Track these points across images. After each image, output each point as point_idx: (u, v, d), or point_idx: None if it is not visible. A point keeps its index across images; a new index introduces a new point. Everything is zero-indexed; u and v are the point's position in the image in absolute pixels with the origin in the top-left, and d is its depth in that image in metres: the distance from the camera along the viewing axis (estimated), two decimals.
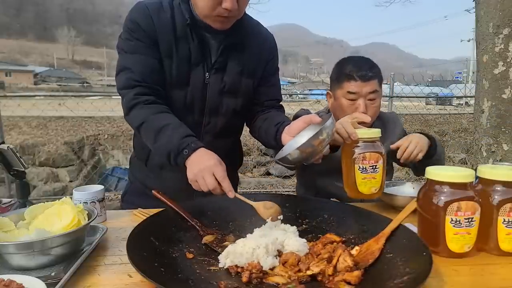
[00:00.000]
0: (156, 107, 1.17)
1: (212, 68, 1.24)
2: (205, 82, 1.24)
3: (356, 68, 1.44)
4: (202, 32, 1.20)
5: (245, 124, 1.45)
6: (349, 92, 1.44)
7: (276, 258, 0.81)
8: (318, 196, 1.48)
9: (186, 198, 1.12)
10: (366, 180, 1.08)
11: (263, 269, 0.76)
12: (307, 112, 1.60)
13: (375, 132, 1.11)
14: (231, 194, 0.98)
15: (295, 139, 1.09)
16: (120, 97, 1.22)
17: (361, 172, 1.08)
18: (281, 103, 1.45)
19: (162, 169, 1.33)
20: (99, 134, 6.46)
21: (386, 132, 1.54)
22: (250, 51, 1.29)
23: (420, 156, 1.31)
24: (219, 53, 1.23)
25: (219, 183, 0.99)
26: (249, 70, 1.29)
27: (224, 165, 1.04)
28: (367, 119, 1.25)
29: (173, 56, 1.20)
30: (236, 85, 1.28)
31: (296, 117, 1.55)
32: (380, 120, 1.60)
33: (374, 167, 1.08)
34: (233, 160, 1.28)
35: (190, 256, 0.84)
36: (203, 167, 1.01)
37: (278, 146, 1.17)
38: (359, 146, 1.09)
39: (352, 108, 1.44)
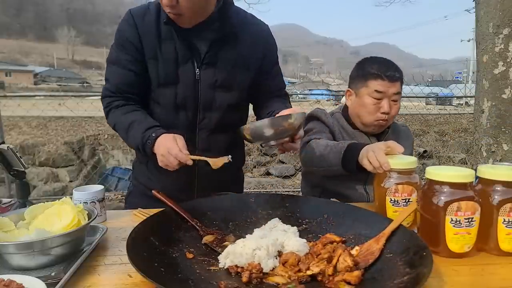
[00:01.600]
0: (126, 108, 1.26)
1: (203, 64, 1.24)
2: (196, 78, 1.25)
3: (384, 68, 1.46)
4: (185, 30, 1.21)
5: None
6: (376, 91, 1.45)
7: (276, 258, 0.81)
8: (323, 196, 1.47)
9: (187, 198, 1.14)
10: (397, 213, 1.00)
11: (264, 271, 0.76)
12: (323, 111, 1.62)
13: (411, 163, 1.04)
14: (189, 162, 1.09)
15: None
16: None
17: (393, 205, 1.03)
18: (286, 89, 1.45)
19: (161, 170, 1.31)
20: (99, 134, 6.46)
21: (397, 139, 1.51)
22: (242, 43, 1.28)
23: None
24: (208, 48, 1.23)
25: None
26: (243, 63, 1.28)
27: (180, 139, 1.12)
28: (401, 150, 1.17)
29: (158, 57, 1.23)
30: (230, 79, 1.28)
31: (310, 116, 1.61)
32: (394, 133, 1.61)
33: (407, 200, 1.01)
34: (235, 157, 1.30)
35: (190, 256, 0.84)
36: (162, 152, 1.11)
37: None
38: (392, 176, 1.04)
39: (376, 107, 1.46)
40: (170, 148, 1.09)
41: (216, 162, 1.11)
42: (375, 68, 1.47)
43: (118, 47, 1.25)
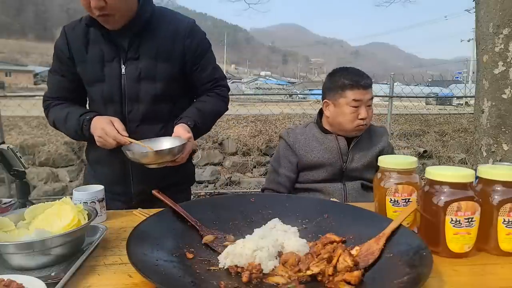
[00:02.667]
0: (62, 105, 1.44)
1: (127, 59, 1.36)
2: (122, 73, 1.36)
3: (358, 78, 1.61)
4: (109, 31, 1.34)
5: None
6: (354, 100, 1.59)
7: (276, 258, 0.81)
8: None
9: (124, 188, 1.34)
10: (397, 213, 1.00)
11: (264, 271, 0.76)
12: (286, 132, 1.76)
13: (411, 163, 1.04)
14: (125, 142, 1.24)
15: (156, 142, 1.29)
16: None
17: (393, 205, 1.03)
18: (222, 82, 1.54)
19: (97, 164, 1.49)
20: None
21: (371, 143, 1.71)
22: (162, 37, 1.38)
23: None
24: (129, 44, 1.35)
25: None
26: (164, 55, 1.38)
27: (117, 121, 1.29)
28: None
29: (85, 60, 1.38)
30: (152, 71, 1.37)
31: (279, 136, 1.79)
32: (368, 133, 1.73)
33: (407, 200, 1.02)
34: None
35: (190, 256, 0.84)
36: (98, 133, 1.27)
37: None
38: (392, 176, 1.04)
39: (354, 115, 1.60)
40: (106, 129, 1.24)
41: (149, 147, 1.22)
42: (349, 79, 1.61)
43: (54, 58, 1.45)
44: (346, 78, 1.61)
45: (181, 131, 1.29)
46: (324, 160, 1.65)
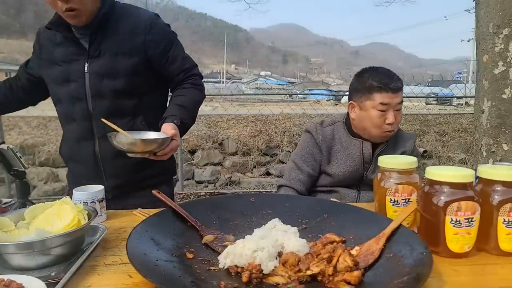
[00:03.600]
0: None
1: (89, 58, 1.39)
2: (85, 72, 1.39)
3: (387, 80, 1.49)
4: (72, 31, 1.39)
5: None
6: (381, 104, 1.48)
7: (276, 259, 0.81)
8: None
9: (98, 183, 1.26)
10: (397, 213, 1.00)
11: (264, 272, 0.76)
12: (315, 127, 1.66)
13: (411, 163, 1.04)
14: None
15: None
16: None
17: (393, 205, 1.03)
18: (195, 71, 1.54)
19: (70, 160, 1.54)
20: None
21: (395, 150, 1.61)
22: (122, 33, 1.40)
23: None
24: (89, 43, 1.38)
25: None
26: (124, 50, 1.39)
27: None
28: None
29: (54, 61, 1.42)
30: (113, 67, 1.39)
31: (306, 130, 1.71)
32: (395, 139, 1.63)
33: (407, 200, 1.02)
34: None
35: (190, 256, 0.84)
36: None
37: None
38: (392, 176, 1.04)
39: (381, 120, 1.50)
40: None
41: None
42: (378, 81, 1.49)
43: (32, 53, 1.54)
44: (375, 80, 1.50)
45: (167, 128, 1.29)
46: (345, 170, 1.58)
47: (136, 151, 1.16)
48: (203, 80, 1.60)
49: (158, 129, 1.45)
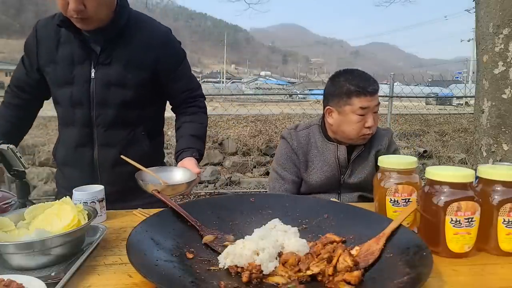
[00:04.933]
0: (5, 105, 1.47)
1: (98, 64, 1.35)
2: (91, 77, 1.35)
3: (365, 83, 1.45)
4: (82, 33, 1.33)
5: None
6: (361, 108, 1.45)
7: (276, 259, 0.81)
8: None
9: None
10: (397, 213, 1.00)
11: (264, 273, 0.76)
12: (289, 133, 1.64)
13: (411, 163, 1.04)
14: None
15: (169, 173, 1.27)
16: None
17: (393, 205, 1.03)
18: (199, 92, 1.57)
19: (65, 165, 1.49)
20: None
21: (371, 151, 1.59)
22: (135, 45, 1.38)
23: None
24: (101, 50, 1.35)
25: None
26: (136, 63, 1.38)
27: None
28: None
29: (56, 60, 1.36)
30: (123, 78, 1.37)
31: (281, 136, 1.68)
32: (370, 140, 1.60)
33: (407, 200, 1.02)
34: (140, 151, 1.45)
35: (190, 256, 0.84)
36: None
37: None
38: (392, 176, 1.04)
39: (361, 124, 1.47)
40: None
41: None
42: (355, 85, 1.45)
43: (24, 52, 1.44)
44: (352, 84, 1.45)
45: (191, 165, 1.29)
46: (321, 176, 1.57)
47: (167, 194, 1.15)
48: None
49: (155, 138, 1.51)
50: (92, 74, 1.35)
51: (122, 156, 1.25)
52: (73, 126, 1.40)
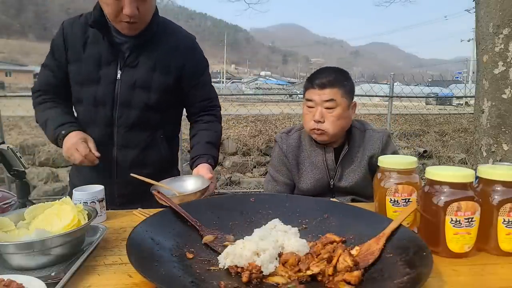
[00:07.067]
0: (44, 105, 1.44)
1: (125, 66, 1.38)
2: (117, 78, 1.38)
3: (314, 76, 1.51)
4: (112, 35, 1.36)
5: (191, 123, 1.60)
6: (307, 99, 1.50)
7: (277, 259, 0.81)
8: None
9: (107, 190, 1.20)
10: (397, 213, 1.00)
11: (264, 273, 0.76)
12: (280, 136, 1.65)
13: (411, 163, 1.04)
14: (96, 162, 1.29)
15: (182, 183, 1.30)
16: None
17: (393, 205, 1.03)
18: (215, 102, 1.59)
19: (82, 168, 1.48)
20: None
21: (363, 154, 1.55)
22: (162, 49, 1.41)
23: None
24: (129, 52, 1.37)
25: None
26: (162, 67, 1.40)
27: (90, 141, 1.30)
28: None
29: (81, 59, 1.38)
30: (148, 81, 1.39)
31: (275, 139, 1.69)
32: (362, 142, 1.57)
33: (407, 200, 1.02)
34: (158, 155, 1.48)
35: (190, 256, 0.84)
36: (69, 146, 1.27)
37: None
38: (392, 176, 1.04)
39: (310, 116, 1.49)
40: (80, 147, 1.25)
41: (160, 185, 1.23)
42: (310, 78, 1.51)
43: (49, 52, 1.44)
44: (308, 78, 1.53)
45: (204, 171, 1.32)
46: (311, 180, 1.56)
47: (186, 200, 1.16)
48: None
49: (172, 142, 1.53)
50: (118, 75, 1.37)
51: (132, 174, 1.26)
52: (94, 125, 1.41)
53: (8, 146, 1.25)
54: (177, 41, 1.44)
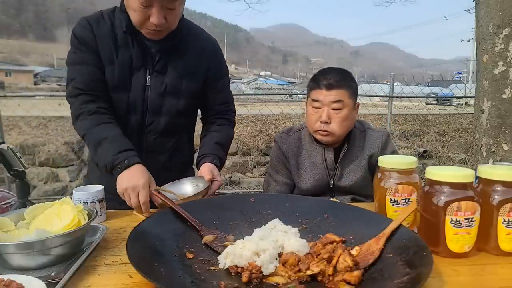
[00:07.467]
0: (98, 117, 1.27)
1: (154, 71, 1.34)
2: (146, 84, 1.34)
3: (321, 76, 1.49)
4: (141, 39, 1.30)
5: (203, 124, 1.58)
6: (313, 100, 1.49)
7: (277, 259, 0.81)
8: None
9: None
10: (397, 213, 1.00)
11: (264, 274, 0.76)
12: (280, 136, 1.65)
13: (411, 163, 1.04)
14: (146, 214, 1.11)
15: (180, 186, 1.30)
16: None
17: (393, 205, 1.03)
18: (231, 106, 1.57)
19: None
20: None
21: (363, 153, 1.55)
22: (189, 55, 1.39)
23: None
24: (159, 58, 1.33)
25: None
26: (189, 72, 1.39)
27: (153, 184, 1.15)
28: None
29: (114, 62, 1.30)
30: (177, 87, 1.37)
31: (274, 140, 1.69)
32: (362, 142, 1.57)
33: (407, 200, 1.02)
34: (183, 157, 1.50)
35: (190, 256, 0.84)
36: (131, 186, 1.12)
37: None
38: (392, 176, 1.04)
39: (316, 117, 1.48)
40: (141, 192, 1.11)
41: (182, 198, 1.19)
42: (314, 78, 1.51)
43: (78, 49, 1.29)
44: (313, 78, 1.53)
45: (206, 171, 1.30)
46: (311, 179, 1.56)
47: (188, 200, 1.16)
48: None
49: (192, 144, 1.54)
50: (148, 81, 1.34)
51: (155, 189, 1.16)
52: (124, 131, 1.30)
53: (8, 146, 1.25)
54: (202, 45, 1.42)
